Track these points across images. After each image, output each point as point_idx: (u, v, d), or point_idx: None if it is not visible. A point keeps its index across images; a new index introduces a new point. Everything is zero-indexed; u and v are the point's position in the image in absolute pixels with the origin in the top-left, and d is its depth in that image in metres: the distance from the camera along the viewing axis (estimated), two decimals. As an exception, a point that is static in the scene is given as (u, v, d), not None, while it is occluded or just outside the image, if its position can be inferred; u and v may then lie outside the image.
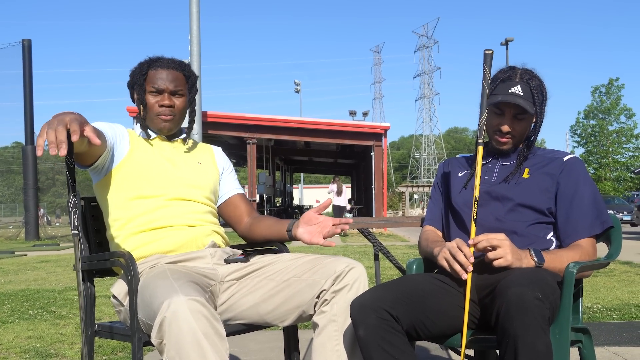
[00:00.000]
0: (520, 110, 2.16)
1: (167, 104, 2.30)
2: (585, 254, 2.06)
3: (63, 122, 1.73)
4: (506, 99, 2.13)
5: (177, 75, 2.34)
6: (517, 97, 2.13)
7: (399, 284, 1.97)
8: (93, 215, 2.41)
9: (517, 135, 2.20)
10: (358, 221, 3.42)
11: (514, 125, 2.18)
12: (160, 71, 2.31)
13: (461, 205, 2.26)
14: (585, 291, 6.04)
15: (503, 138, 2.20)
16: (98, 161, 2.16)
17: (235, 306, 2.14)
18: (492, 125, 2.21)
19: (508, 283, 1.75)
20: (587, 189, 2.14)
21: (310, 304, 2.07)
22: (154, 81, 2.30)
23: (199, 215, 2.29)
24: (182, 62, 2.40)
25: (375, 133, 22.05)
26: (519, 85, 2.15)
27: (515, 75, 2.18)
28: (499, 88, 2.18)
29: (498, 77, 2.20)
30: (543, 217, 2.14)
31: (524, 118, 2.18)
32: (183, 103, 2.36)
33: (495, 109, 2.19)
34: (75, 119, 1.76)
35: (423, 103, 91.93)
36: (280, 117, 22.32)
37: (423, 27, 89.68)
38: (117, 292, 2.14)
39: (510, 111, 2.17)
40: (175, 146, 2.42)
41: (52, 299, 6.09)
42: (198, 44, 16.34)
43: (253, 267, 2.20)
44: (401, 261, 6.82)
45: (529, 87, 2.16)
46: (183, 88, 2.35)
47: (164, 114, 2.31)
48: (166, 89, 2.30)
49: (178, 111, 2.35)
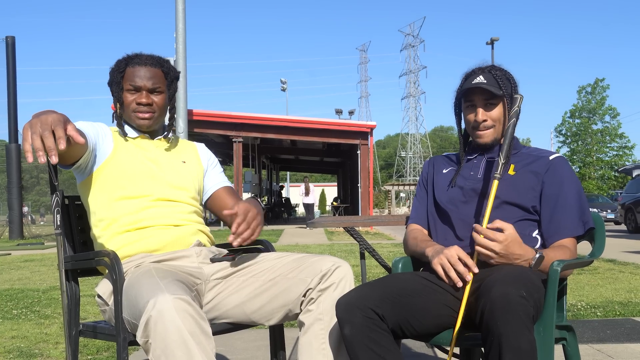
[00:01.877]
0: (488, 95, 2.19)
1: (144, 102, 2.28)
2: (570, 254, 2.08)
3: (48, 126, 1.71)
4: (470, 86, 2.18)
5: (155, 72, 2.31)
6: (481, 83, 2.17)
7: (384, 282, 1.97)
8: (77, 214, 2.40)
9: (494, 123, 2.21)
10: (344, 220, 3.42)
11: (488, 113, 2.20)
12: (138, 68, 2.29)
13: (446, 203, 2.27)
14: (569, 289, 6.09)
15: (481, 130, 2.22)
16: (80, 161, 2.14)
17: (221, 305, 2.13)
18: (470, 121, 2.24)
19: (492, 282, 1.76)
20: (572, 189, 2.15)
21: (297, 302, 2.07)
22: (132, 79, 2.28)
23: (184, 215, 2.29)
24: (160, 58, 2.37)
25: (361, 132, 22.08)
26: (481, 76, 2.20)
27: (478, 70, 2.25)
28: (464, 84, 2.24)
29: (463, 78, 2.28)
30: (528, 215, 2.16)
31: (495, 103, 2.20)
32: (162, 100, 2.34)
33: (467, 102, 2.24)
34: (58, 120, 1.74)
35: (409, 102, 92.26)
36: (266, 116, 22.28)
37: (409, 26, 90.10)
38: (102, 291, 2.13)
39: (479, 99, 2.20)
40: (159, 145, 2.40)
41: (37, 299, 6.05)
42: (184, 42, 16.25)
43: (239, 266, 2.19)
44: (387, 260, 6.83)
45: (492, 75, 2.21)
46: (162, 85, 2.33)
47: (140, 111, 2.29)
48: (144, 86, 2.28)
49: (158, 108, 2.32)
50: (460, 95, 2.25)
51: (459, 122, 2.34)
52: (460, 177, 2.29)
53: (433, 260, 2.07)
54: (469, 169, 2.29)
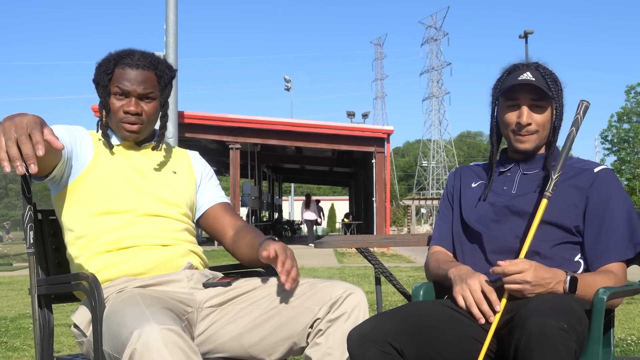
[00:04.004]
0: (537, 95, 2.19)
1: (132, 111, 2.28)
2: (618, 281, 2.07)
3: (24, 130, 1.71)
4: (516, 82, 2.17)
5: (147, 75, 2.31)
6: (529, 80, 2.17)
7: (403, 312, 1.97)
8: (52, 231, 2.41)
9: (539, 128, 2.21)
10: (357, 239, 3.42)
11: (533, 117, 2.20)
12: (128, 71, 2.28)
13: (474, 222, 2.27)
14: (617, 320, 6.05)
15: (523, 135, 2.22)
16: (54, 172, 2.14)
17: (215, 337, 2.14)
18: (510, 123, 2.23)
19: (528, 312, 1.75)
20: (620, 206, 2.15)
21: (303, 334, 2.07)
22: (120, 82, 2.28)
23: (174, 233, 2.29)
24: (154, 59, 2.36)
25: (376, 137, 22.09)
26: (528, 72, 2.20)
27: (523, 66, 2.25)
28: (506, 80, 2.23)
29: (503, 73, 2.28)
30: (570, 237, 2.15)
31: (542, 106, 2.20)
32: (153, 108, 2.34)
33: (508, 101, 2.23)
34: (35, 122, 1.75)
35: (431, 103, 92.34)
36: (267, 119, 22.34)
37: (431, 17, 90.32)
38: (79, 320, 2.14)
39: (525, 99, 2.20)
40: (145, 153, 2.41)
41: (4, 328, 6.06)
42: (175, 34, 16.39)
43: (236, 292, 2.20)
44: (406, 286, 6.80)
45: (540, 73, 2.21)
46: (154, 90, 2.32)
47: (128, 121, 2.29)
48: (133, 91, 2.28)
49: (147, 117, 2.32)
50: (501, 92, 2.23)
51: (493, 124, 2.34)
52: (491, 193, 2.29)
53: (455, 287, 2.07)
54: (502, 183, 2.29)
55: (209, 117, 21.79)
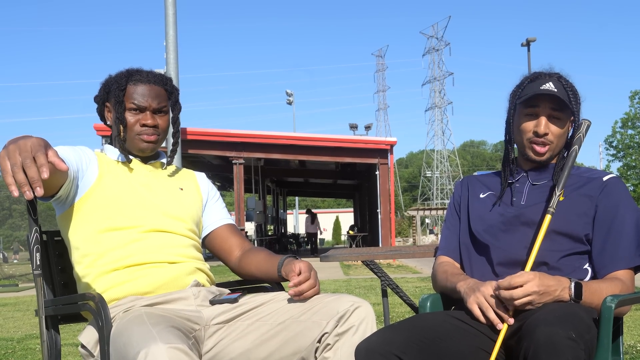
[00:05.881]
0: (558, 106, 2.19)
1: (150, 124, 2.33)
2: (625, 288, 2.07)
3: (28, 153, 1.72)
4: (539, 91, 2.17)
5: (159, 90, 2.37)
6: (552, 90, 2.17)
7: (410, 324, 1.97)
8: (57, 251, 2.41)
9: (554, 139, 2.22)
10: (363, 252, 3.42)
11: (550, 127, 2.20)
12: (140, 86, 2.34)
13: (482, 233, 2.27)
14: (626, 328, 6.02)
15: (541, 146, 2.22)
16: (60, 192, 2.15)
17: (223, 353, 2.13)
18: (525, 131, 2.23)
19: (536, 321, 1.75)
20: (628, 213, 2.15)
21: (311, 349, 2.07)
22: (134, 97, 2.32)
23: (181, 249, 2.30)
24: (163, 76, 2.43)
25: (380, 149, 22.10)
26: (551, 82, 2.20)
27: (545, 75, 2.24)
28: (527, 88, 2.23)
29: (524, 80, 2.27)
30: (579, 246, 2.15)
31: (561, 118, 2.21)
32: (166, 122, 2.40)
33: (527, 109, 2.22)
34: (39, 145, 1.76)
35: (434, 114, 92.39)
36: (270, 133, 22.37)
37: (432, 28, 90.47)
38: (86, 340, 2.14)
39: (545, 108, 2.20)
40: (152, 170, 2.43)
41: (10, 349, 6.05)
42: (175, 51, 16.41)
43: (243, 308, 2.20)
44: (413, 297, 6.80)
45: (562, 84, 2.21)
46: (166, 105, 2.39)
47: (146, 133, 2.34)
48: (149, 106, 2.33)
49: (162, 131, 2.38)
50: (521, 100, 2.22)
51: (508, 131, 2.33)
52: (500, 203, 2.29)
53: (468, 298, 2.07)
54: (511, 194, 2.29)
55: (211, 133, 21.84)
